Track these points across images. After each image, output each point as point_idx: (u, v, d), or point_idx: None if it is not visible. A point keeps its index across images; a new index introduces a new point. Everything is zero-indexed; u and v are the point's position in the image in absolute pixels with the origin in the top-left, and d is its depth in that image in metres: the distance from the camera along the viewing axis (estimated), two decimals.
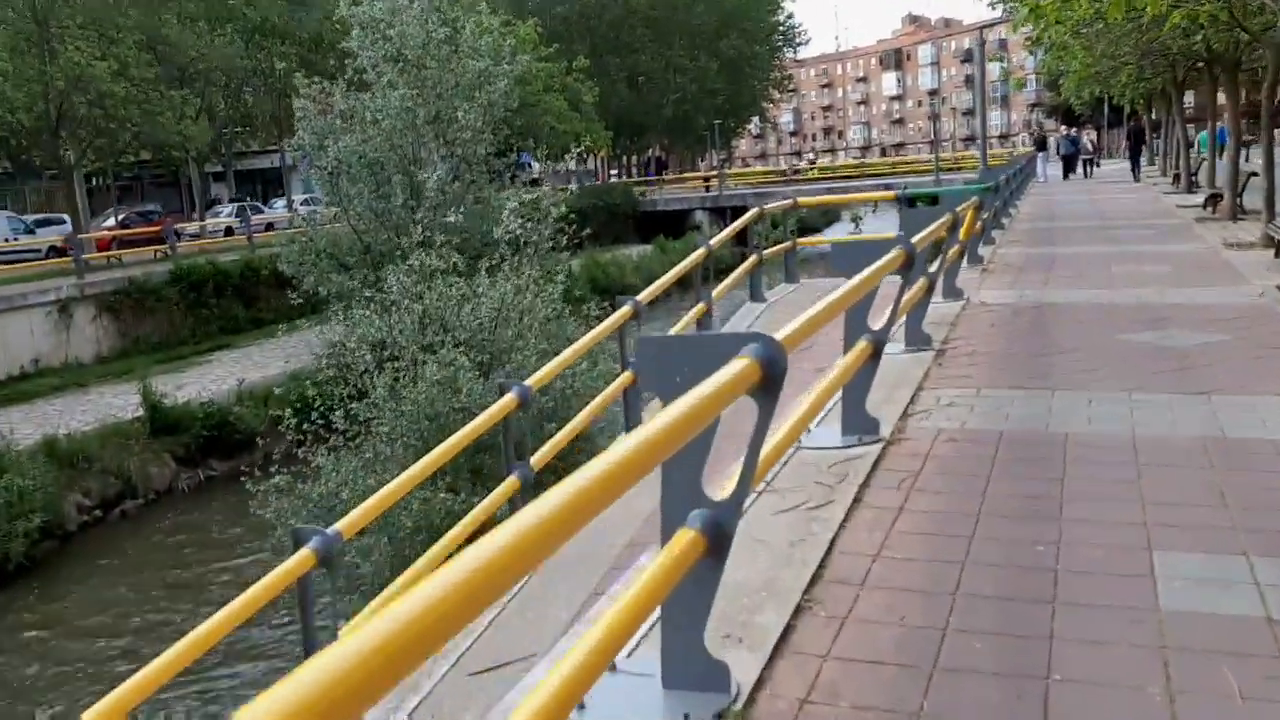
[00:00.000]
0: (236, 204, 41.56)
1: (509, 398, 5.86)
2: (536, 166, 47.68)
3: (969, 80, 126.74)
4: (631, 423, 7.58)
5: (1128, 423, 5.55)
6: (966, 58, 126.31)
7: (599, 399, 7.10)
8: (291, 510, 10.90)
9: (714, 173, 64.99)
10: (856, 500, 4.57)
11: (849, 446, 5.43)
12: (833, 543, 4.07)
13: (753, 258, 10.95)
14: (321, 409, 11.22)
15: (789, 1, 77.52)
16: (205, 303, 26.01)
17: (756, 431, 2.92)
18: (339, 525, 4.37)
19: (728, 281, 9.88)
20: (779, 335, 3.05)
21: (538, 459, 6.38)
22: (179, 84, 30.25)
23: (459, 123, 21.52)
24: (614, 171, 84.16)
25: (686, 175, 68.10)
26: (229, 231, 38.39)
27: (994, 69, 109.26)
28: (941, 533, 4.13)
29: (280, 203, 44.83)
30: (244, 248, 30.60)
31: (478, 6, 26.61)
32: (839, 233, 46.76)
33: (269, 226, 37.05)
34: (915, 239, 5.87)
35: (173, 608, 14.04)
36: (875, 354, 5.36)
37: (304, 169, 23.78)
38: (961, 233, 9.76)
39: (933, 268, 7.90)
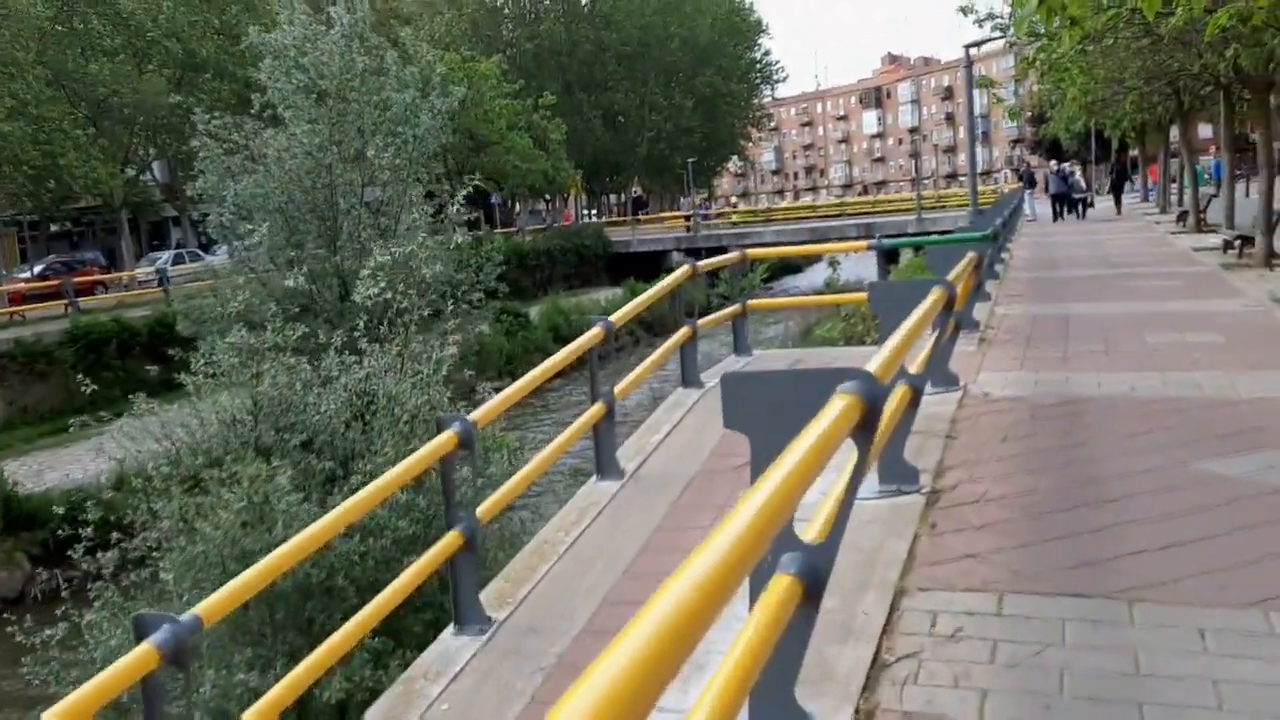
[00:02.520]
0: (174, 251, 38.87)
1: (143, 650, 3.21)
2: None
3: (949, 118, 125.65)
4: (463, 617, 4.93)
5: None
6: (947, 95, 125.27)
7: (373, 606, 4.43)
8: (73, 677, 8.13)
9: (663, 214, 62.63)
10: None
11: None
12: None
13: (682, 330, 8.32)
14: (125, 528, 8.53)
15: (765, 38, 75.56)
16: (107, 364, 23.20)
17: None
18: None
19: (637, 373, 7.20)
20: None
21: None
22: (91, 123, 27.59)
23: (371, 162, 18.94)
24: (591, 211, 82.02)
25: (664, 215, 65.65)
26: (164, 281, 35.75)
27: (976, 104, 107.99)
28: None
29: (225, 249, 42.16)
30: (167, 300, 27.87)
31: (401, 34, 24.07)
32: (819, 275, 44.25)
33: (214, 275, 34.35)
34: (883, 356, 3.25)
35: None
36: (810, 595, 2.68)
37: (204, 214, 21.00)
38: (959, 302, 7.17)
39: (915, 365, 5.26)
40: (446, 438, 4.90)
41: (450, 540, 4.89)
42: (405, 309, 11.15)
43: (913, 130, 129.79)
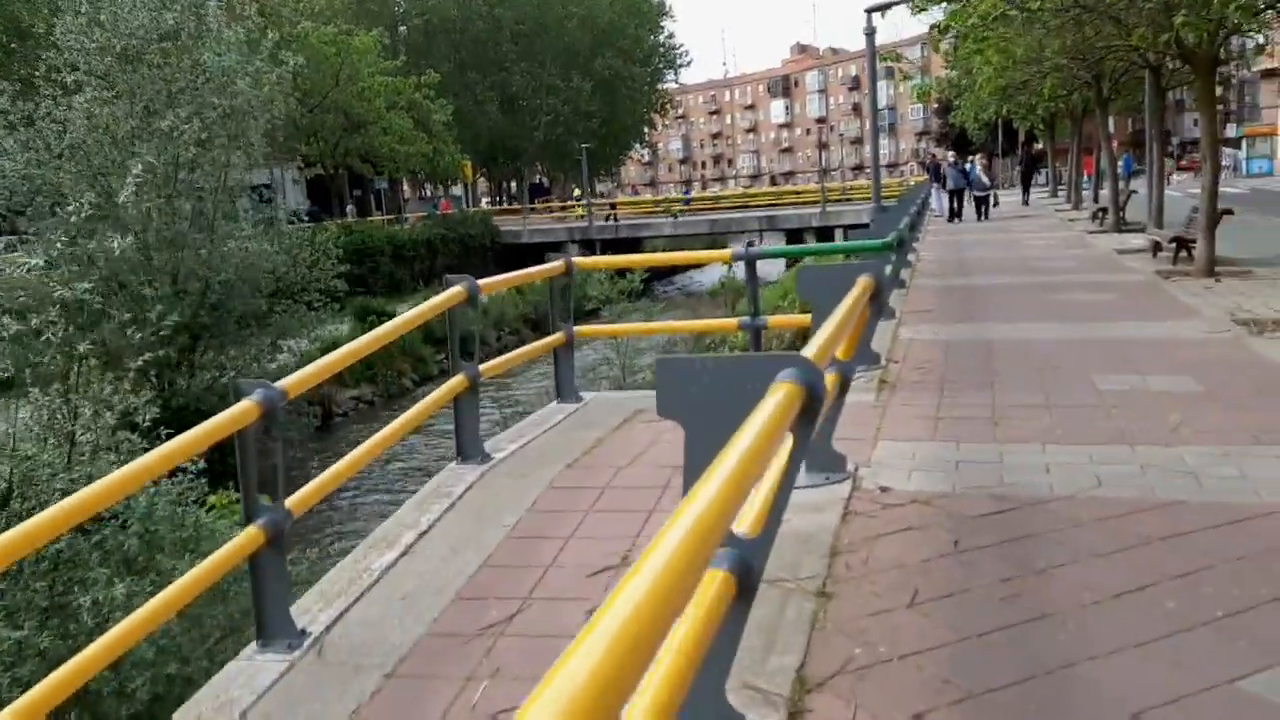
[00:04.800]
0: None
1: None
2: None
3: (857, 108, 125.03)
4: None
5: None
6: (854, 85, 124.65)
7: None
8: None
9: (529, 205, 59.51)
10: None
11: None
12: None
13: (454, 379, 5.72)
14: None
15: (669, 21, 73.08)
16: None
17: None
18: None
19: (316, 484, 4.45)
20: None
21: None
22: None
23: (168, 136, 15.97)
24: (488, 198, 78.93)
25: (552, 205, 62.63)
26: None
27: (882, 96, 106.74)
28: None
29: None
30: None
31: None
32: (715, 272, 41.57)
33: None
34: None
35: None
36: None
37: None
38: (844, 349, 4.71)
39: (748, 520, 2.73)
40: None
41: None
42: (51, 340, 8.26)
43: (820, 121, 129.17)
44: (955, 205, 27.88)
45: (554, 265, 7.24)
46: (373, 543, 4.96)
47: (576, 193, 59.69)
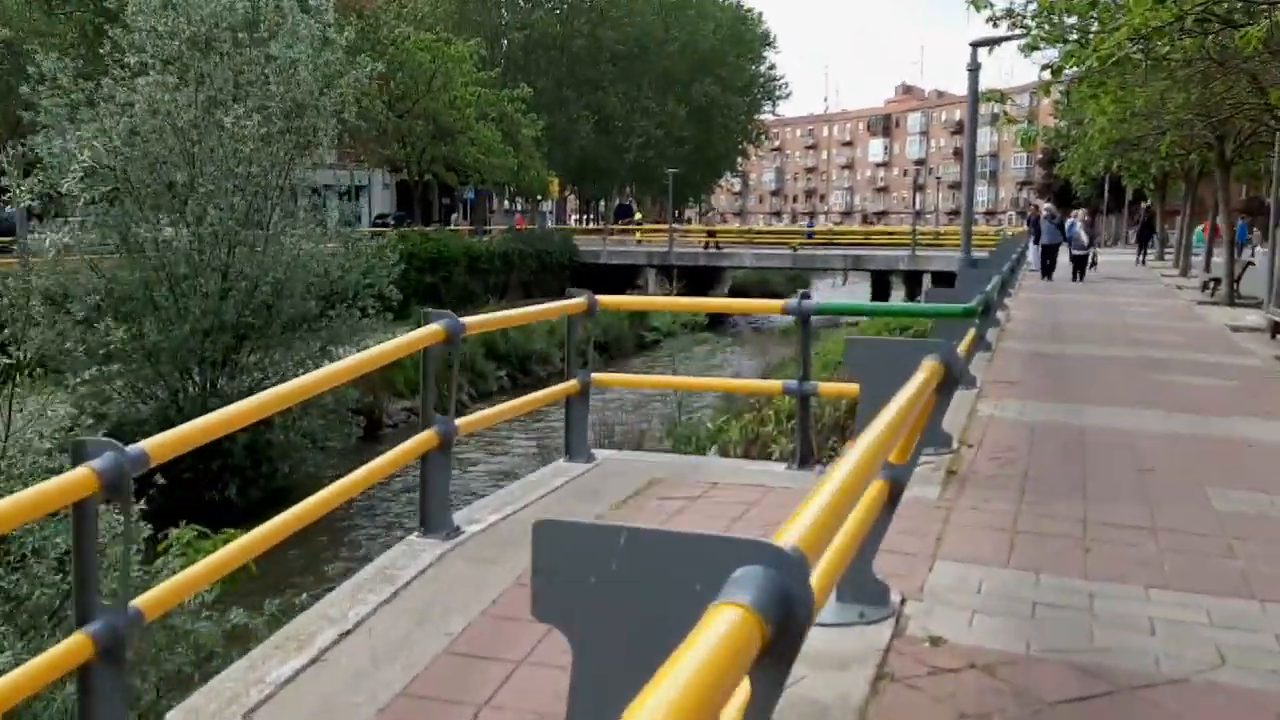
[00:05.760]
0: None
1: None
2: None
3: (957, 153, 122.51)
4: None
5: None
6: (956, 129, 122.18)
7: None
8: None
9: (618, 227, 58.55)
10: None
11: None
12: None
13: (423, 434, 4.73)
14: None
15: (771, 53, 72.03)
16: None
17: None
18: None
19: (236, 550, 3.51)
20: None
21: None
22: None
23: (231, 131, 15.42)
24: (577, 216, 78.64)
25: (627, 227, 61.65)
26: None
27: (985, 142, 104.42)
28: None
29: None
30: None
31: None
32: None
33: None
34: None
35: None
36: None
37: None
38: (899, 451, 3.61)
39: None
40: None
41: None
42: None
43: (919, 163, 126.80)
44: (1048, 262, 26.02)
45: (574, 302, 6.23)
46: (280, 641, 3.97)
47: (638, 216, 58.96)
